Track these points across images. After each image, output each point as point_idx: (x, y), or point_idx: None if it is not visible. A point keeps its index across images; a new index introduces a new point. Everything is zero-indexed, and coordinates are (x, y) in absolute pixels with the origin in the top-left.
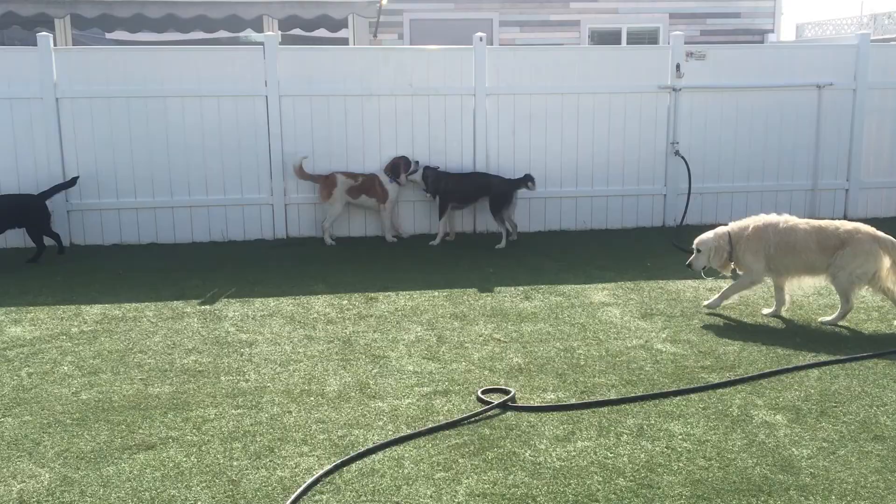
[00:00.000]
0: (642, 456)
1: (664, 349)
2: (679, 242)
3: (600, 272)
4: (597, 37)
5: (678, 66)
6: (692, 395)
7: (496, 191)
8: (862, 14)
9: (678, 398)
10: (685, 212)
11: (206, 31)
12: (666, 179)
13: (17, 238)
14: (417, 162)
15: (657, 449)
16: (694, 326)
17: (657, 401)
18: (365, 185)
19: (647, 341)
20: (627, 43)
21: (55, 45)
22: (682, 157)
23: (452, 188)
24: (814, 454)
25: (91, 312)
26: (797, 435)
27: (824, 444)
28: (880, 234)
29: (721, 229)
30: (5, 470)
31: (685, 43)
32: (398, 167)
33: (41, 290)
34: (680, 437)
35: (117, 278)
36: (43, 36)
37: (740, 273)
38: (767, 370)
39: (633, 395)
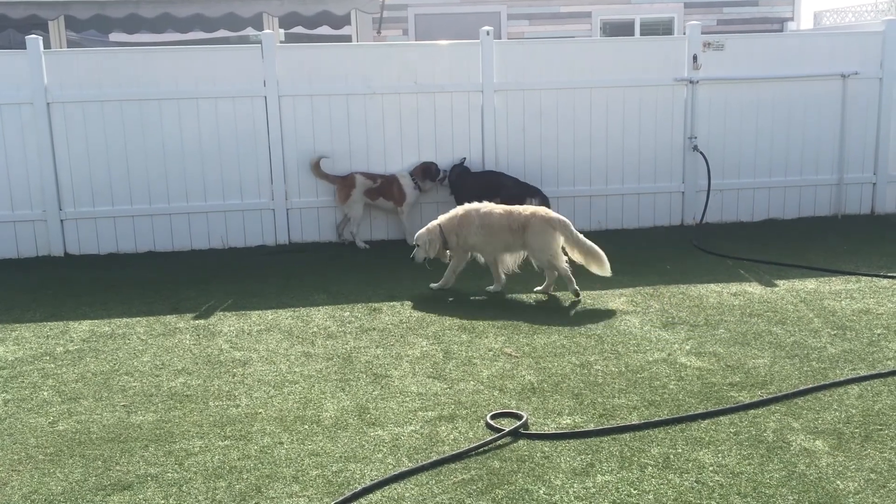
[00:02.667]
0: (670, 492)
1: (689, 363)
2: (700, 242)
3: (617, 277)
4: (609, 28)
5: (695, 58)
6: (722, 418)
7: (508, 193)
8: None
9: (707, 421)
10: (705, 209)
11: (205, 31)
12: (684, 176)
13: (9, 248)
14: (446, 171)
15: (686, 483)
16: (720, 336)
17: (684, 425)
18: (383, 187)
19: (669, 354)
20: (641, 34)
21: (49, 47)
22: (701, 153)
23: (464, 185)
24: (861, 488)
25: (79, 329)
26: (841, 465)
27: (872, 476)
28: (553, 214)
29: (433, 224)
30: None
31: (702, 33)
32: (429, 171)
33: (30, 304)
34: (711, 468)
35: (110, 291)
36: (33, 39)
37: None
38: (803, 387)
39: (657, 418)
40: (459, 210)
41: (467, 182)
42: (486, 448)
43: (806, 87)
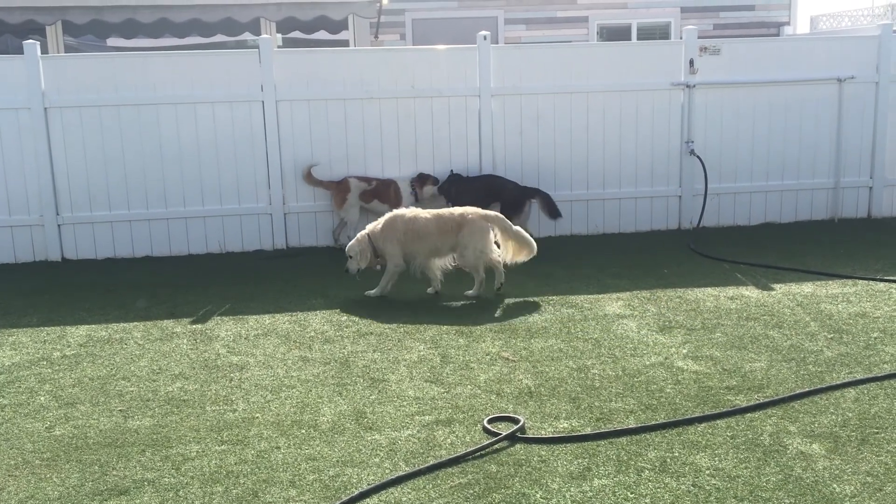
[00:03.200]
0: (666, 496)
1: (685, 367)
2: (697, 246)
3: (614, 280)
4: (606, 33)
5: (692, 62)
6: (719, 422)
7: (509, 197)
8: (874, 5)
9: (703, 425)
10: (702, 214)
11: (203, 36)
12: (681, 180)
13: (6, 253)
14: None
15: (683, 487)
16: (717, 340)
17: (681, 429)
18: (378, 190)
19: (666, 358)
20: (638, 39)
21: (47, 52)
22: (698, 157)
23: (462, 191)
24: (858, 491)
25: (76, 334)
26: (837, 468)
27: (869, 480)
28: (489, 212)
29: (361, 233)
30: None
31: (698, 37)
32: (424, 180)
33: (26, 309)
34: (707, 472)
35: (107, 296)
36: (30, 44)
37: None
38: (800, 391)
39: (653, 422)
40: (387, 216)
41: (461, 188)
42: (483, 452)
43: (802, 91)
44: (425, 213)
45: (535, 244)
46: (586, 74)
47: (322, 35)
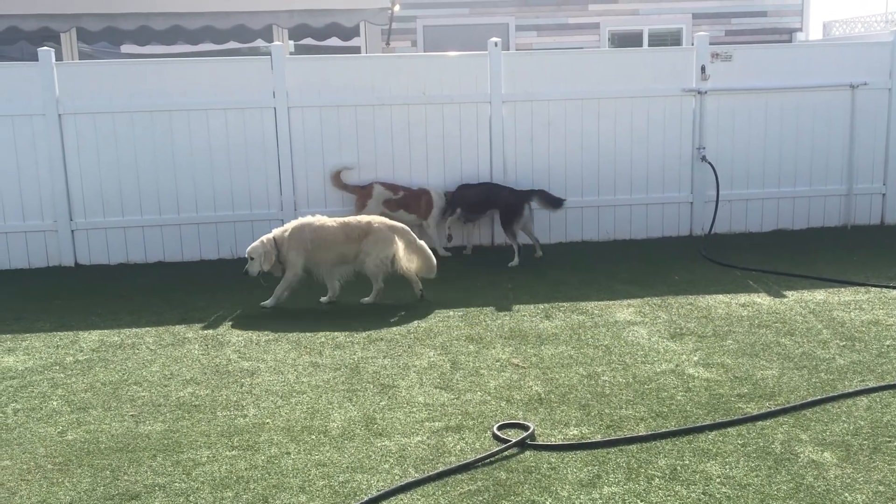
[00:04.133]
0: None
1: (696, 374)
2: (709, 253)
3: (625, 287)
4: (617, 39)
5: (703, 68)
6: (730, 429)
7: (505, 203)
8: (888, 11)
9: (714, 433)
10: (713, 220)
11: (216, 43)
12: (692, 186)
13: (20, 258)
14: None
15: (693, 495)
16: (728, 348)
17: (691, 436)
18: (406, 200)
19: (677, 365)
20: (649, 45)
21: (61, 59)
22: (710, 163)
23: (460, 197)
24: (870, 500)
25: (88, 339)
26: (849, 476)
27: (881, 489)
28: (395, 223)
29: (267, 236)
30: None
31: (710, 44)
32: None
33: (40, 314)
34: (718, 480)
35: (119, 301)
36: (44, 51)
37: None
38: (811, 399)
39: (664, 429)
40: (293, 223)
41: (465, 195)
42: (492, 459)
43: (815, 97)
44: (332, 221)
45: (435, 265)
46: (597, 80)
47: (334, 42)
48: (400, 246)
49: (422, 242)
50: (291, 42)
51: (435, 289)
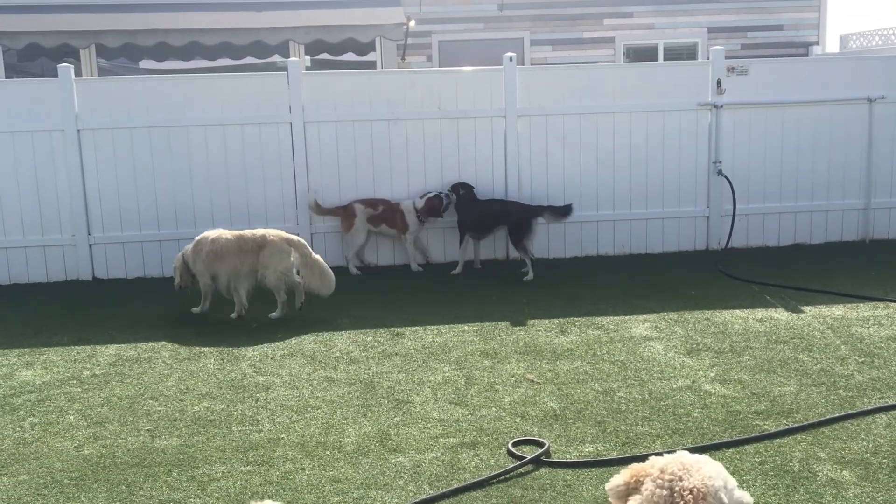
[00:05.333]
0: None
1: (713, 391)
2: (725, 267)
3: (641, 302)
4: (632, 54)
5: (719, 82)
6: (747, 447)
7: (514, 220)
8: None
9: (731, 450)
10: (730, 234)
11: (233, 58)
12: (709, 200)
13: (39, 272)
14: (448, 194)
15: None
16: (745, 363)
17: (708, 454)
18: (385, 215)
19: (694, 381)
20: (664, 59)
21: (80, 75)
22: (726, 177)
23: (466, 218)
24: None
25: (106, 353)
26: (868, 496)
27: None
28: (291, 236)
29: (179, 254)
30: None
31: (726, 57)
32: (434, 209)
33: (58, 328)
34: None
35: (136, 315)
36: (64, 67)
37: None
38: (830, 416)
39: (680, 447)
40: (197, 237)
41: (473, 210)
42: (507, 476)
43: (832, 111)
44: (228, 233)
45: (333, 281)
46: (612, 95)
47: (350, 57)
48: (296, 259)
49: (317, 257)
50: (308, 57)
51: (449, 303)
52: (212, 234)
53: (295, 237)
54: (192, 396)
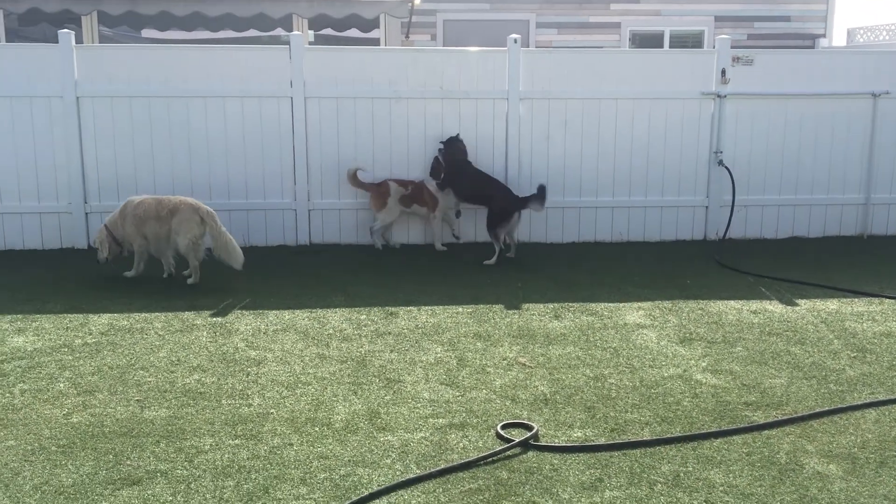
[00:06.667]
0: None
1: (704, 380)
2: (722, 258)
3: (636, 289)
4: (638, 40)
5: (723, 72)
6: (735, 437)
7: (495, 206)
8: None
9: (719, 440)
10: (728, 225)
11: (236, 30)
12: (708, 190)
13: (34, 239)
14: (440, 147)
15: (695, 503)
16: (737, 354)
17: (696, 443)
18: (415, 194)
19: (685, 371)
20: (670, 47)
21: (81, 42)
22: (726, 167)
23: (464, 180)
24: None
25: (98, 322)
26: (854, 490)
27: (886, 503)
28: (203, 206)
29: (101, 225)
30: None
31: (731, 47)
32: (436, 169)
33: (50, 296)
34: (721, 488)
35: (130, 285)
36: (65, 33)
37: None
38: (819, 409)
39: (669, 435)
40: (124, 202)
41: (463, 173)
42: (494, 458)
43: (835, 104)
44: (150, 198)
45: (241, 257)
46: (616, 81)
47: (354, 33)
48: (203, 229)
49: (224, 230)
50: (311, 32)
51: (446, 284)
52: (137, 198)
53: (206, 208)
54: (183, 368)
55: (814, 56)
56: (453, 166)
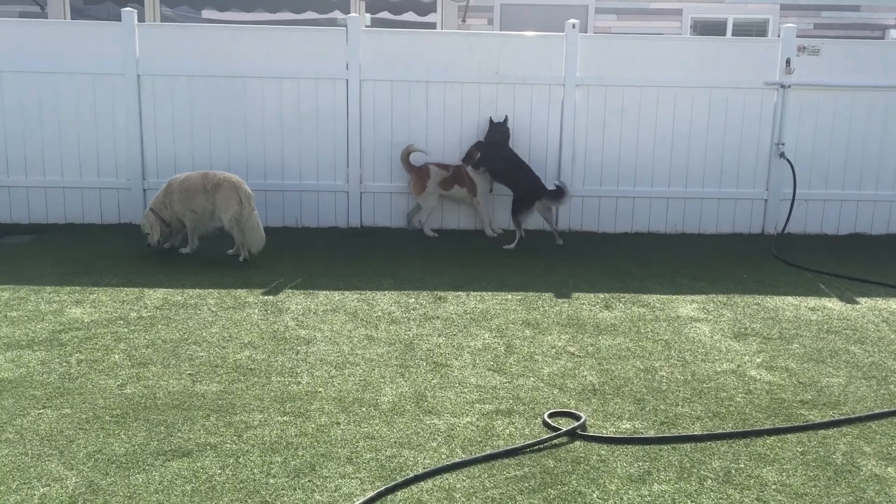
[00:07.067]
0: None
1: (758, 377)
2: (780, 253)
3: (690, 282)
4: (700, 27)
5: (788, 62)
6: (789, 436)
7: (520, 191)
8: None
9: (773, 438)
10: (788, 219)
11: (294, 12)
12: (768, 183)
13: (93, 214)
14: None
15: (746, 500)
16: (794, 351)
17: (748, 440)
18: (455, 177)
19: (739, 366)
20: (733, 35)
21: (144, 21)
22: (788, 160)
23: (494, 157)
24: None
25: (153, 297)
26: None
27: None
28: (243, 185)
29: (147, 209)
30: (32, 471)
31: (797, 36)
32: (471, 156)
33: (108, 269)
34: (773, 486)
35: (184, 261)
36: (127, 11)
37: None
38: (878, 410)
39: (720, 430)
40: (163, 186)
41: (500, 156)
42: (541, 446)
43: None
44: (195, 173)
45: (261, 243)
46: (676, 69)
47: (410, 17)
48: (239, 208)
49: (256, 213)
50: (368, 15)
51: (495, 270)
52: (180, 176)
53: (246, 188)
54: (234, 344)
55: (884, 47)
56: (491, 147)
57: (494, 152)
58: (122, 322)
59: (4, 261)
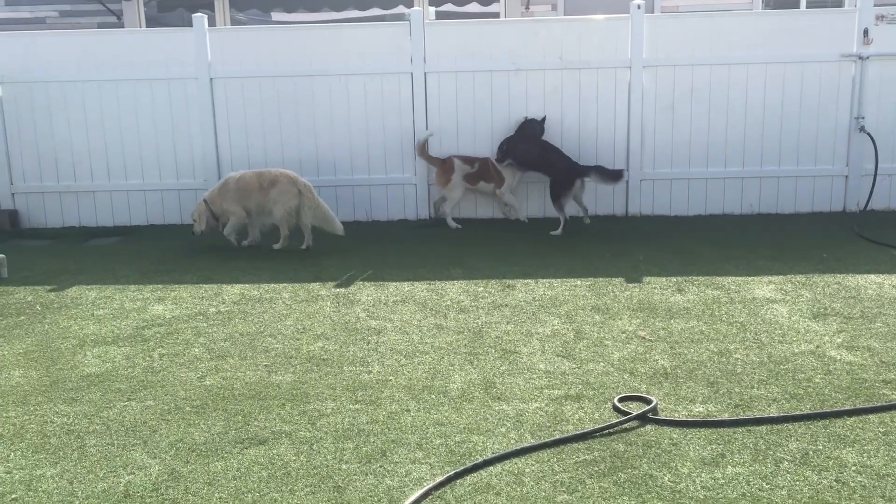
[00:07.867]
0: (805, 490)
1: (838, 357)
2: (862, 230)
3: (766, 263)
4: (772, 1)
5: (866, 31)
6: (870, 416)
7: (555, 175)
8: None
9: (853, 419)
10: (870, 195)
11: (359, 9)
12: (848, 159)
13: (173, 215)
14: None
15: (824, 482)
16: (876, 331)
17: (827, 421)
18: (481, 171)
19: (818, 347)
20: (807, 7)
21: (214, 25)
22: (869, 134)
23: (519, 147)
24: None
25: (231, 292)
26: None
27: None
28: (300, 178)
29: (200, 200)
30: (118, 459)
31: (875, 5)
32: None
33: (188, 268)
34: (853, 468)
35: (259, 257)
36: (198, 16)
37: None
38: None
39: (797, 412)
40: (220, 181)
41: (528, 146)
42: (611, 430)
43: None
44: (249, 172)
45: (340, 225)
46: (746, 45)
47: (473, 8)
48: (299, 201)
49: (321, 201)
50: (432, 8)
51: (562, 257)
52: (235, 174)
53: (304, 181)
54: (307, 336)
55: None
56: (518, 141)
57: (524, 143)
58: (201, 317)
59: (91, 262)
